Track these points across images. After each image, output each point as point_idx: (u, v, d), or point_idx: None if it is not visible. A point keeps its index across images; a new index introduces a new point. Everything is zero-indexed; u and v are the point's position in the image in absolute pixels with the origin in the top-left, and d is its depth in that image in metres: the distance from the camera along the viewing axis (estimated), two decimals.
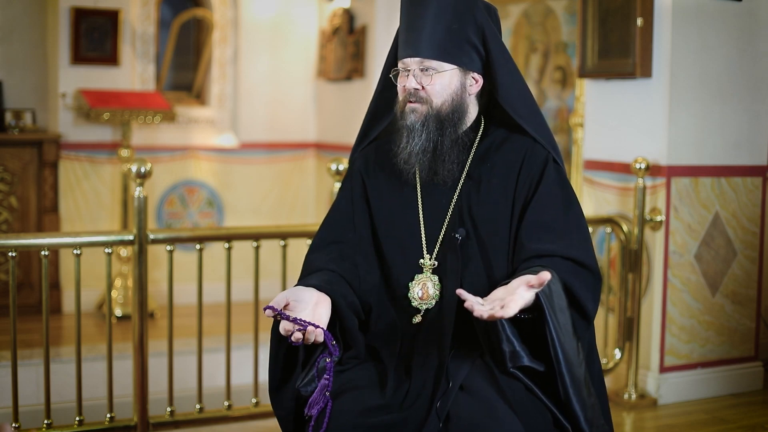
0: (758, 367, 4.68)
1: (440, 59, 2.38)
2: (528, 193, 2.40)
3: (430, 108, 2.39)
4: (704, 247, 4.48)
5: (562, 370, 2.15)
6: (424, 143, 2.39)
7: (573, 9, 5.80)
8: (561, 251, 2.29)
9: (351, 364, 2.38)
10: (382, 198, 2.50)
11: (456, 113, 2.41)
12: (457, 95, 2.41)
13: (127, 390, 4.05)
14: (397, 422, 2.23)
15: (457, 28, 2.39)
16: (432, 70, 2.38)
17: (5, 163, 6.07)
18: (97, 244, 3.68)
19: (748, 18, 4.48)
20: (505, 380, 2.24)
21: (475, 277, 2.39)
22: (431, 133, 2.39)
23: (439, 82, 2.39)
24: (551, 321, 2.11)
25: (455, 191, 2.44)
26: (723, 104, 4.47)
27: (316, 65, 7.12)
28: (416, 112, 2.40)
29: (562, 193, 2.41)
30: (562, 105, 6.00)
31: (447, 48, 2.38)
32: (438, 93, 2.39)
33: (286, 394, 2.39)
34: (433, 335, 2.34)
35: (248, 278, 4.20)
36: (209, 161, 6.88)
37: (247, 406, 4.03)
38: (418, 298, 2.40)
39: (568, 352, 2.16)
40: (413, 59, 2.39)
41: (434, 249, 2.42)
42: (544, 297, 2.10)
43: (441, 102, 2.39)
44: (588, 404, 2.23)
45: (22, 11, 6.38)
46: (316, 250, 2.50)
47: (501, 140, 2.48)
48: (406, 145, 2.40)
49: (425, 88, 2.39)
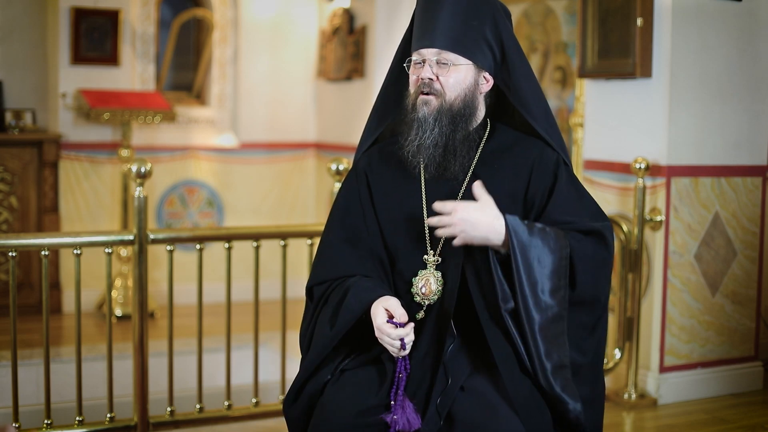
0: (758, 367, 4.68)
1: (457, 52, 2.37)
2: (542, 198, 2.41)
3: (443, 101, 2.37)
4: (704, 247, 4.48)
5: (528, 305, 2.26)
6: (436, 137, 2.37)
7: (573, 9, 5.80)
8: (579, 223, 2.37)
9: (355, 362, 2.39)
10: (386, 195, 2.49)
11: (468, 109, 2.40)
12: (470, 92, 2.40)
13: (127, 390, 4.06)
14: None
15: (476, 24, 2.38)
16: (449, 63, 2.37)
17: (5, 163, 6.08)
18: (97, 244, 3.68)
19: (748, 18, 4.48)
20: (509, 380, 2.25)
21: (478, 275, 2.39)
22: (444, 127, 2.37)
23: (454, 76, 2.38)
24: (518, 259, 2.26)
25: (460, 189, 2.44)
26: (723, 104, 4.47)
27: (316, 65, 7.12)
28: (429, 105, 2.38)
29: (575, 187, 2.44)
30: (562, 105, 6.00)
31: (465, 42, 2.38)
32: (452, 87, 2.38)
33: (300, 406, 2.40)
34: (435, 331, 2.34)
35: (248, 278, 4.20)
36: (209, 161, 6.88)
37: (247, 406, 4.03)
38: (421, 294, 2.40)
39: (537, 295, 2.27)
40: (430, 50, 2.38)
41: (438, 245, 2.42)
42: (514, 236, 2.25)
43: (454, 96, 2.38)
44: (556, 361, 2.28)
45: (22, 11, 6.38)
46: (339, 250, 2.48)
47: (510, 143, 2.47)
48: (416, 137, 2.38)
49: (440, 80, 2.37)
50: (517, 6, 6.26)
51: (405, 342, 2.25)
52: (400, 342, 2.25)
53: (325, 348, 2.36)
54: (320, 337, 2.38)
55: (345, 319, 2.34)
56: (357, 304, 2.33)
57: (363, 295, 2.34)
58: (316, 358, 2.37)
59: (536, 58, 6.17)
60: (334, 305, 2.38)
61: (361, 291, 2.35)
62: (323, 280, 2.47)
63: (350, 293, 2.35)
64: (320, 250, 2.53)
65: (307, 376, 2.39)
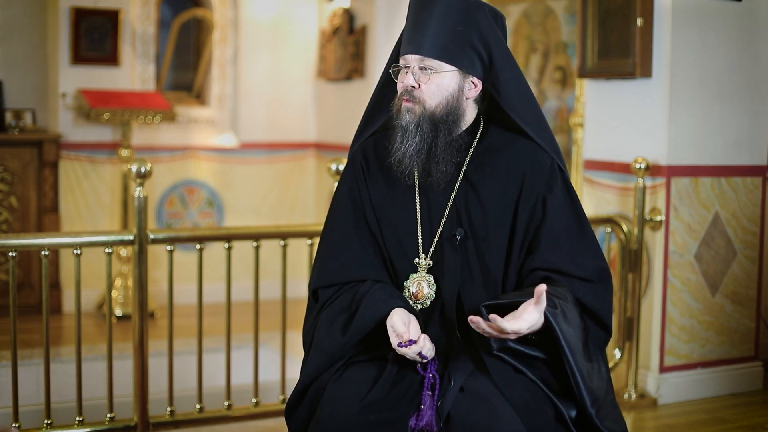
0: (758, 367, 4.68)
1: (441, 59, 2.37)
2: (536, 204, 2.40)
3: (423, 109, 2.38)
4: (704, 247, 4.48)
5: (577, 379, 2.24)
6: (418, 145, 2.37)
7: (573, 9, 5.80)
8: (570, 268, 2.35)
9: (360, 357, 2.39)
10: (381, 195, 2.49)
11: (451, 116, 2.40)
12: (453, 98, 2.39)
13: (127, 390, 4.06)
14: (396, 419, 2.24)
15: (461, 30, 2.38)
16: (431, 70, 2.37)
17: (5, 163, 6.08)
18: (97, 244, 3.68)
19: (748, 18, 4.48)
20: (506, 376, 2.26)
21: (470, 278, 2.39)
22: (425, 134, 2.37)
23: (436, 83, 2.38)
24: (561, 336, 2.21)
25: (452, 192, 2.44)
26: (723, 104, 4.47)
27: (316, 65, 7.13)
28: (411, 112, 2.38)
29: (571, 205, 2.43)
30: (562, 105, 6.00)
31: (449, 49, 2.38)
32: (433, 94, 2.38)
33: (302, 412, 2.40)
34: (430, 335, 2.35)
35: (248, 278, 4.20)
36: (209, 161, 6.88)
37: (247, 406, 4.03)
38: (412, 297, 2.40)
39: (578, 357, 2.25)
40: (414, 56, 2.39)
41: (430, 249, 2.42)
42: (551, 315, 2.20)
43: (435, 104, 2.38)
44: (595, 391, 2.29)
45: (22, 11, 6.38)
46: (346, 250, 2.47)
47: (502, 144, 2.47)
48: (400, 146, 2.38)
49: (421, 87, 2.38)
50: (517, 6, 6.26)
51: (423, 353, 2.28)
52: (419, 355, 2.28)
53: (333, 357, 2.36)
54: (329, 344, 2.37)
55: (356, 330, 2.34)
56: (369, 319, 2.33)
57: (377, 306, 2.34)
58: (322, 365, 2.37)
59: (536, 58, 6.17)
60: (346, 317, 2.38)
61: (375, 302, 2.34)
62: (330, 283, 2.46)
63: (363, 305, 2.35)
64: (325, 248, 2.51)
65: (311, 380, 2.39)
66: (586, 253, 2.39)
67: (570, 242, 2.38)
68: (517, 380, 2.27)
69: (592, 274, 2.37)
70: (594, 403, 2.25)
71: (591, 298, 2.36)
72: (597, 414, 2.25)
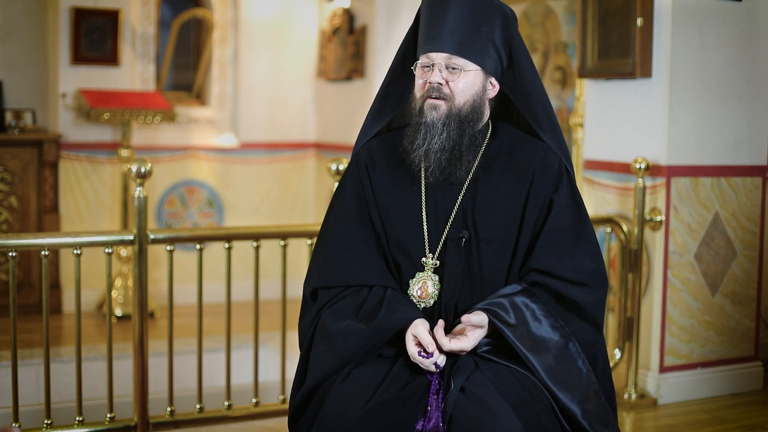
0: (758, 367, 4.68)
1: (467, 58, 2.36)
2: (543, 206, 2.40)
3: (452, 106, 2.36)
4: (704, 247, 4.48)
5: (542, 376, 2.30)
6: (443, 142, 2.35)
7: (573, 9, 5.80)
8: (563, 272, 2.36)
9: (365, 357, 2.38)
10: (387, 195, 2.48)
11: (475, 114, 2.39)
12: (478, 97, 2.39)
13: (127, 390, 4.06)
14: (403, 422, 2.24)
15: (486, 29, 2.38)
16: (459, 68, 2.36)
17: (5, 163, 6.08)
18: (97, 244, 3.68)
19: (748, 18, 4.48)
20: (500, 374, 2.27)
21: (475, 279, 2.39)
22: (452, 132, 2.36)
23: (464, 82, 2.37)
24: (514, 339, 2.31)
25: (460, 192, 2.43)
26: (723, 104, 4.47)
27: (316, 65, 7.12)
28: (438, 109, 2.36)
29: (574, 207, 2.43)
30: (562, 105, 6.00)
31: (474, 48, 2.37)
32: (462, 92, 2.37)
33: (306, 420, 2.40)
34: None
35: (248, 278, 4.20)
36: (209, 161, 6.88)
37: (247, 406, 4.03)
38: (417, 297, 2.39)
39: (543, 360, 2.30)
40: (440, 54, 2.36)
41: (436, 248, 2.41)
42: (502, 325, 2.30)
43: (463, 101, 2.37)
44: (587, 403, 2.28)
45: (22, 11, 6.38)
46: (349, 251, 2.45)
47: (511, 146, 2.46)
48: (423, 142, 2.36)
49: (449, 84, 2.37)
50: (517, 6, 6.26)
51: (438, 363, 2.28)
52: (435, 365, 2.29)
53: (344, 362, 2.34)
54: (344, 348, 2.34)
55: (378, 334, 2.33)
56: (390, 328, 2.33)
57: (396, 315, 2.33)
58: (332, 368, 2.35)
59: (536, 58, 6.16)
60: (363, 326, 2.35)
61: (393, 312, 2.33)
62: (332, 284, 2.44)
63: (383, 313, 2.33)
64: (328, 247, 2.48)
65: (316, 384, 2.37)
66: (583, 255, 2.39)
67: (568, 244, 2.38)
68: (509, 375, 2.27)
69: (586, 278, 2.37)
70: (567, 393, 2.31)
71: (582, 299, 2.37)
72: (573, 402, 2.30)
